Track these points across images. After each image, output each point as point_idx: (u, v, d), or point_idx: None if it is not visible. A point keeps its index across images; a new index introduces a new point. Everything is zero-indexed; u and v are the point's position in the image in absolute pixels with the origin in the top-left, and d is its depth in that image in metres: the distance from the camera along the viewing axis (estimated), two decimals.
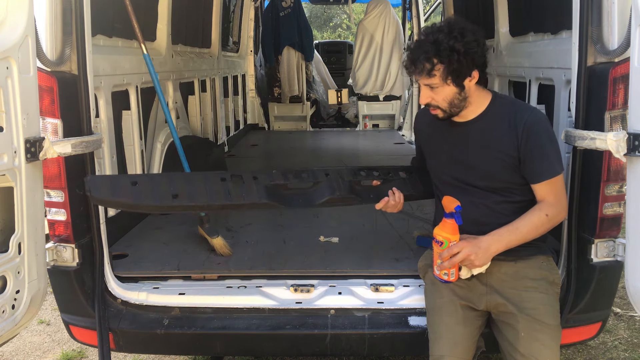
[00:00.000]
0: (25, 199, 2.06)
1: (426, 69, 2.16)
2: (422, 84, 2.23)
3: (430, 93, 2.23)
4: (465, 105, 2.27)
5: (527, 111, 2.29)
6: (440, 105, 2.25)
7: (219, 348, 2.66)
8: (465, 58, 2.14)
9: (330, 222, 3.62)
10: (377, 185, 2.59)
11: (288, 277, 2.73)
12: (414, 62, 2.19)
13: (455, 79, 2.18)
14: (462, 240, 2.22)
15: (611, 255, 2.38)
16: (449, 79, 2.17)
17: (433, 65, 2.14)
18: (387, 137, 7.44)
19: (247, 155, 6.42)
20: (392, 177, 2.63)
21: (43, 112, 2.25)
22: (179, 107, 4.59)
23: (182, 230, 3.45)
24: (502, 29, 3.91)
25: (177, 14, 4.43)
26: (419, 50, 2.18)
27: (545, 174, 2.23)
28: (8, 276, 2.05)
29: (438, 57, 2.14)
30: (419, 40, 2.21)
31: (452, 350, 2.21)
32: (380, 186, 2.57)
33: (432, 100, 2.24)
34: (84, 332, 2.62)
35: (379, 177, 2.60)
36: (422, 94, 2.26)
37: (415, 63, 2.18)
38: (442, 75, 2.17)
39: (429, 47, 2.15)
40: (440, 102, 2.24)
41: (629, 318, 4.02)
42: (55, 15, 2.32)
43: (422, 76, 2.19)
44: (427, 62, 2.15)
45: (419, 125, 2.64)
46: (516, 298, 2.25)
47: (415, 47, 2.21)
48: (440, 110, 2.26)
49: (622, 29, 2.13)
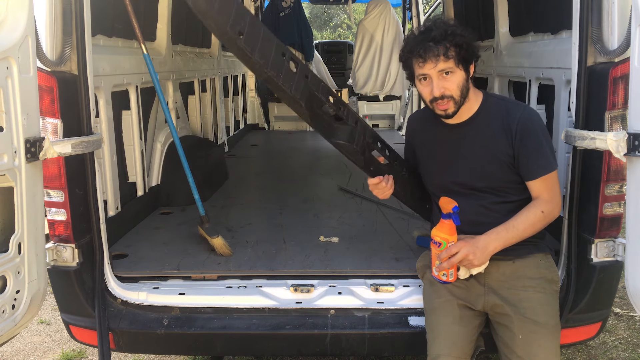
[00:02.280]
0: (25, 199, 2.06)
1: (446, 49, 2.17)
2: (434, 72, 2.20)
3: (442, 83, 2.21)
4: (468, 97, 2.27)
5: (519, 109, 2.30)
6: (454, 94, 2.22)
7: (219, 348, 2.66)
8: (469, 46, 2.22)
9: (330, 222, 3.62)
10: (382, 163, 2.59)
11: (288, 277, 2.73)
12: (436, 43, 2.17)
13: (465, 64, 2.23)
14: (460, 241, 2.23)
15: (611, 255, 2.38)
16: (460, 64, 2.21)
17: (447, 48, 2.17)
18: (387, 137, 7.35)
19: (247, 155, 6.42)
20: (396, 166, 2.63)
21: (43, 112, 2.25)
22: (179, 107, 4.59)
23: (182, 230, 3.46)
24: (502, 29, 3.91)
25: (177, 14, 4.43)
26: (429, 36, 2.19)
27: (540, 170, 2.23)
28: (8, 276, 2.05)
29: (451, 41, 2.18)
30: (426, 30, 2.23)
31: (449, 350, 2.21)
32: (382, 165, 2.57)
33: (446, 90, 2.22)
34: (84, 332, 2.62)
35: (388, 157, 2.61)
36: (435, 85, 2.21)
37: (437, 44, 2.17)
38: (456, 59, 2.19)
39: (438, 33, 2.19)
40: (453, 90, 2.22)
41: (629, 318, 4.02)
42: (55, 15, 2.32)
43: (440, 60, 2.18)
44: (446, 42, 2.18)
45: (412, 131, 2.63)
46: (514, 298, 2.25)
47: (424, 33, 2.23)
48: (453, 100, 2.24)
49: (622, 29, 2.14)
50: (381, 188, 2.44)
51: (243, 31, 2.21)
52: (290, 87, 2.34)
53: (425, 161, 2.54)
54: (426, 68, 2.20)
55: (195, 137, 4.99)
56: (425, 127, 2.51)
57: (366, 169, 2.55)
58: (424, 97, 2.30)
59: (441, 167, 2.43)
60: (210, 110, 5.65)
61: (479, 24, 4.42)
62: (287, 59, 2.35)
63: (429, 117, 2.45)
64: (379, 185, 2.44)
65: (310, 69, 2.49)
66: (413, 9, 7.58)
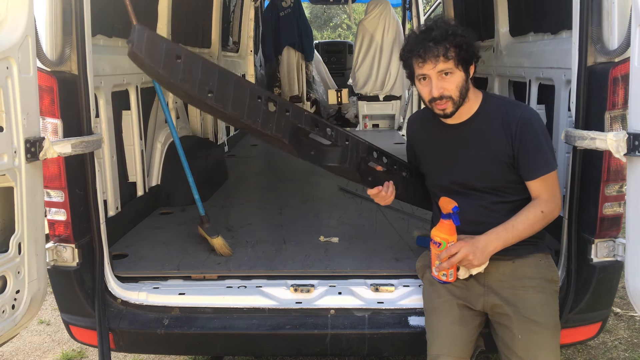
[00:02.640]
0: (25, 199, 2.06)
1: (446, 49, 2.17)
2: (434, 72, 2.20)
3: (441, 83, 2.21)
4: (467, 97, 2.27)
5: (519, 109, 2.30)
6: (453, 95, 2.22)
7: (219, 348, 2.66)
8: (469, 46, 2.21)
9: (330, 222, 3.62)
10: (379, 171, 2.59)
11: (288, 277, 2.73)
12: (436, 43, 2.17)
13: (464, 65, 2.22)
14: (459, 241, 2.23)
15: (611, 255, 2.38)
16: (460, 64, 2.20)
17: (447, 49, 2.17)
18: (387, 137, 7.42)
19: (247, 155, 6.42)
20: (396, 170, 2.63)
21: (43, 112, 2.25)
22: (179, 107, 4.59)
23: (182, 230, 3.46)
24: (502, 29, 3.91)
25: (177, 14, 4.43)
26: (430, 36, 2.19)
27: (540, 170, 2.24)
28: (8, 276, 2.05)
29: (451, 42, 2.17)
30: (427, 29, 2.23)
31: (449, 350, 2.21)
32: (380, 173, 2.57)
33: (444, 90, 2.21)
34: (84, 332, 2.62)
35: (386, 164, 2.60)
36: (435, 85, 2.21)
37: (437, 44, 2.17)
38: (456, 60, 2.19)
39: (438, 33, 2.18)
40: (452, 91, 2.22)
41: (629, 318, 4.02)
42: (55, 15, 2.32)
43: (439, 60, 2.17)
44: (446, 43, 2.17)
45: (412, 132, 2.63)
46: (513, 298, 2.25)
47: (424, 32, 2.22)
48: (451, 101, 2.24)
49: (622, 28, 2.13)
50: (382, 197, 2.47)
51: (213, 89, 2.18)
52: (271, 129, 2.31)
53: (425, 161, 2.54)
54: (426, 68, 2.20)
55: (195, 137, 4.99)
56: (425, 127, 2.51)
57: (364, 181, 2.55)
58: (423, 96, 2.30)
59: (441, 167, 2.43)
60: None
61: (479, 24, 4.42)
62: (264, 101, 2.31)
63: (428, 117, 2.45)
64: (379, 194, 2.46)
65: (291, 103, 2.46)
66: (413, 9, 7.58)
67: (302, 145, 2.44)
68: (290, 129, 2.37)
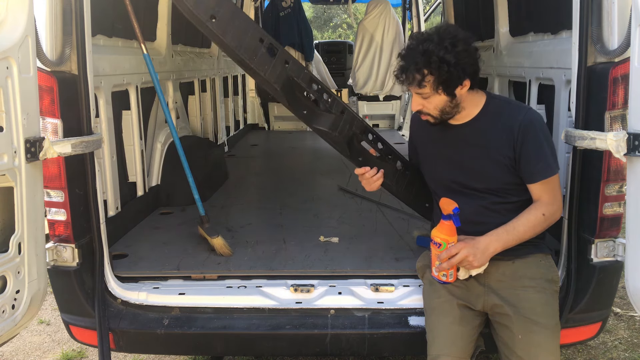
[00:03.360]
0: (25, 199, 2.06)
1: (416, 79, 2.14)
2: (413, 92, 2.24)
3: (421, 101, 2.24)
4: (457, 111, 2.28)
5: (521, 111, 2.29)
6: (432, 113, 2.26)
7: (219, 348, 2.66)
8: (455, 69, 2.11)
9: (330, 222, 3.62)
10: (373, 155, 2.58)
11: (288, 277, 2.73)
12: (404, 72, 2.17)
13: (446, 89, 2.17)
14: (460, 242, 2.22)
15: (611, 255, 2.38)
16: (440, 88, 2.17)
17: (423, 76, 2.13)
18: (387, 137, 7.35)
19: (247, 155, 6.42)
20: (390, 160, 2.63)
21: (43, 112, 2.25)
22: (179, 107, 4.59)
23: (182, 230, 3.46)
24: (502, 29, 3.91)
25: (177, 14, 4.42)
26: (409, 60, 2.15)
27: (542, 173, 2.23)
28: (8, 276, 2.05)
29: (428, 68, 2.11)
30: (409, 49, 2.18)
31: (449, 350, 2.21)
32: (372, 157, 2.56)
33: (424, 108, 2.25)
34: (84, 332, 2.62)
35: (380, 150, 2.59)
36: (414, 101, 2.26)
37: (405, 73, 2.17)
38: (433, 86, 2.16)
39: (418, 58, 2.12)
40: (431, 110, 2.25)
41: (629, 318, 4.02)
42: (55, 15, 2.32)
43: (413, 86, 2.19)
44: (417, 73, 2.13)
45: (414, 130, 2.64)
46: (513, 299, 2.25)
47: (405, 55, 2.18)
48: (431, 117, 2.28)
49: (622, 29, 2.13)
50: (366, 179, 2.45)
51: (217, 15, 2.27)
52: (266, 71, 2.36)
53: (426, 159, 2.54)
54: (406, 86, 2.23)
55: (195, 137, 4.99)
56: (426, 125, 2.51)
57: (354, 159, 2.55)
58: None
59: (442, 166, 2.43)
60: (210, 110, 5.65)
61: (479, 24, 4.42)
62: (266, 45, 2.38)
63: None
64: (364, 175, 2.44)
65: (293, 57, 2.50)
66: (413, 9, 7.58)
67: (295, 100, 2.46)
68: (285, 79, 2.41)
